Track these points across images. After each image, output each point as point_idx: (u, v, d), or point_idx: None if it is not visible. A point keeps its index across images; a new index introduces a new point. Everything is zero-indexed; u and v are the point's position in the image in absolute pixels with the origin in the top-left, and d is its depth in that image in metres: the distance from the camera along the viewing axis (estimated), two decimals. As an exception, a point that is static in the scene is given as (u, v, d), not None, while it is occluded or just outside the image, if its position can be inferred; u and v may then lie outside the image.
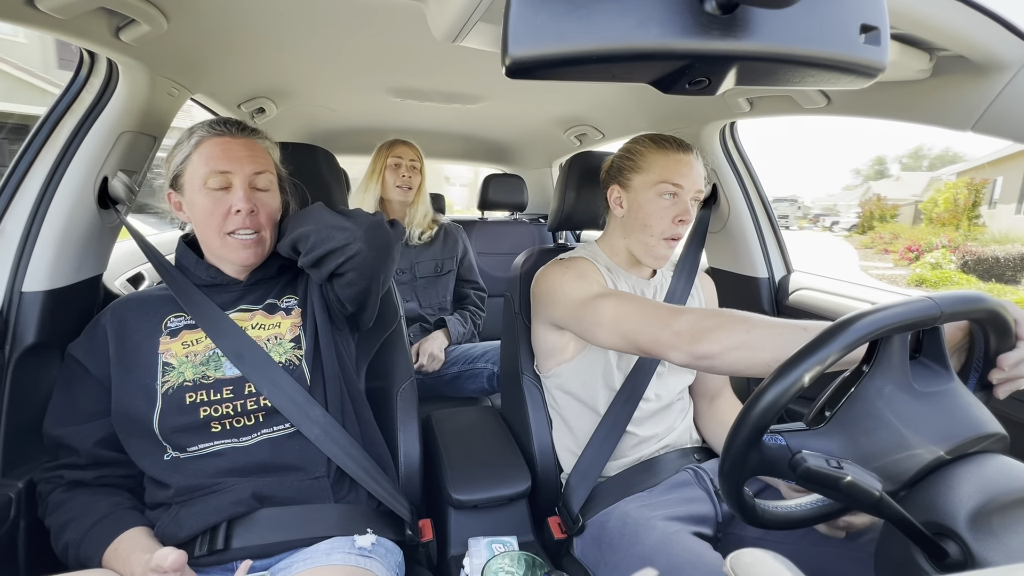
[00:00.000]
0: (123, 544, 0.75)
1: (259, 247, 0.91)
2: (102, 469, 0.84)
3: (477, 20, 0.55)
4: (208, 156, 0.86)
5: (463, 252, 1.95)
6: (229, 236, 0.87)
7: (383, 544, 0.86)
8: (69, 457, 0.83)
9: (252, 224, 0.88)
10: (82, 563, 0.75)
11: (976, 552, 0.46)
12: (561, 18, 0.35)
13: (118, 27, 0.86)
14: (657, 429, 1.06)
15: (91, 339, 0.88)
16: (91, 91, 0.98)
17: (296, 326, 0.94)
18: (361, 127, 2.18)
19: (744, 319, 0.76)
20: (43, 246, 0.94)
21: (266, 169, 0.90)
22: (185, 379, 0.84)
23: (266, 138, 0.94)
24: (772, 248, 1.51)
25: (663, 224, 0.99)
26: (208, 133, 0.87)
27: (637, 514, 0.91)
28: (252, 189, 0.88)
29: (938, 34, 0.69)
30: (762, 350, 0.72)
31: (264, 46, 1.17)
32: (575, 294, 0.96)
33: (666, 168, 0.98)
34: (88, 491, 0.81)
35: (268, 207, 0.90)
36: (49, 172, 0.94)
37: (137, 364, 0.85)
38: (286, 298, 0.97)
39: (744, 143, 1.48)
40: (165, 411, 0.82)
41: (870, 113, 0.98)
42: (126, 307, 0.91)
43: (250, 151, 0.88)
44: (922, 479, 0.54)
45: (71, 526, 0.77)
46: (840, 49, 0.39)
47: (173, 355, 0.86)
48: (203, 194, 0.86)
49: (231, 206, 0.86)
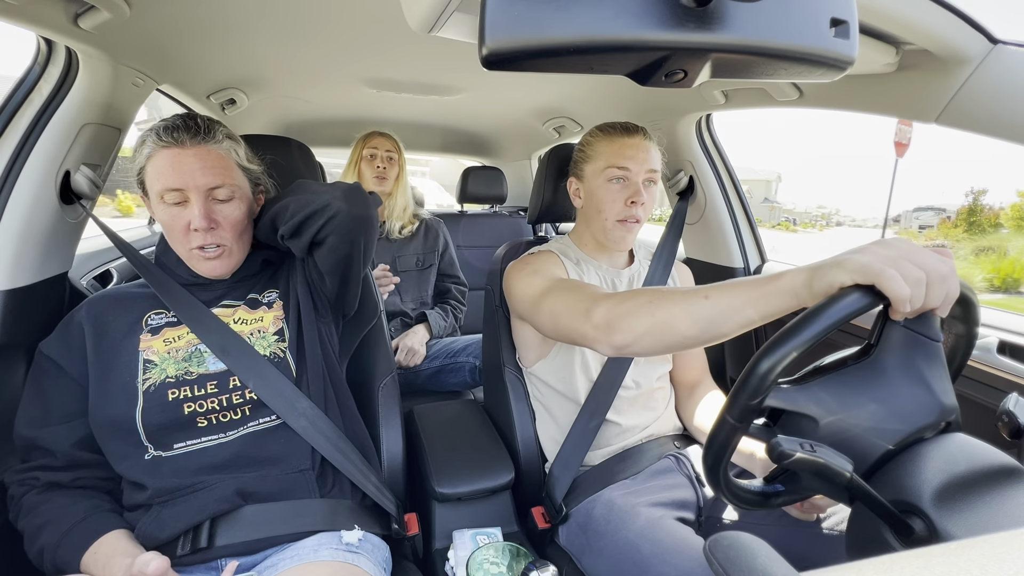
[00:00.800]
0: (103, 548, 0.73)
1: (227, 259, 0.88)
2: (79, 471, 0.81)
3: (453, 10, 0.54)
4: (159, 171, 0.80)
5: (444, 246, 1.94)
6: (197, 250, 0.85)
7: (370, 540, 0.86)
8: (44, 459, 0.80)
9: (213, 239, 0.84)
10: (59, 568, 0.73)
11: (940, 527, 0.48)
12: (538, 9, 0.35)
13: (76, 14, 0.82)
14: (640, 419, 1.08)
15: (65, 337, 0.84)
16: (49, 81, 0.93)
17: (279, 319, 0.92)
18: (337, 119, 2.13)
19: (648, 300, 0.71)
20: (2, 244, 0.90)
21: (224, 181, 0.84)
22: (167, 376, 0.82)
23: (225, 138, 0.87)
24: (747, 239, 1.54)
25: (616, 207, 1.01)
26: (157, 145, 0.81)
27: (622, 501, 0.93)
28: (212, 200, 0.84)
29: (903, 28, 0.71)
30: (670, 330, 0.68)
31: (234, 34, 1.13)
32: (528, 291, 0.96)
33: (611, 153, 1.01)
34: (65, 493, 0.79)
35: (230, 218, 0.86)
36: (6, 167, 0.90)
37: (116, 362, 0.83)
38: (267, 292, 0.95)
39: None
40: (147, 409, 0.80)
41: (840, 105, 1.00)
42: (103, 303, 0.88)
43: (203, 162, 0.81)
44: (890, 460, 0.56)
45: (47, 529, 0.74)
46: (811, 42, 0.40)
47: (155, 352, 0.84)
48: (161, 208, 0.83)
49: (189, 222, 0.82)
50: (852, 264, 0.51)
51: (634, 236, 1.05)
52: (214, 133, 0.85)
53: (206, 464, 0.81)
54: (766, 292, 0.59)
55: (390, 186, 1.81)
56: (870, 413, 0.56)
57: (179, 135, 0.81)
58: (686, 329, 0.67)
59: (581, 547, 0.95)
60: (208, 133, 0.84)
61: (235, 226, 0.87)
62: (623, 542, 0.86)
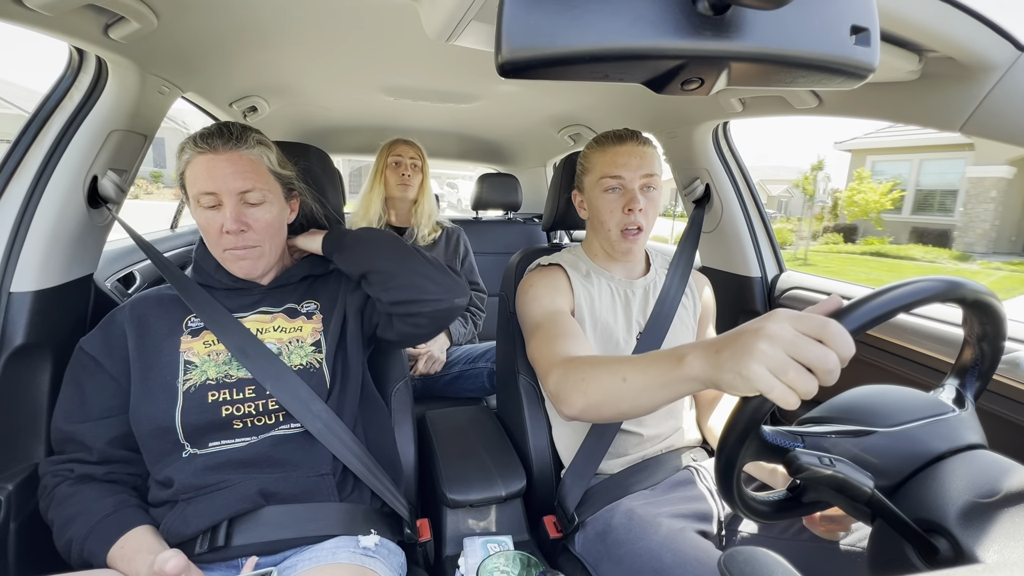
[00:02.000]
0: (129, 543, 0.74)
1: (259, 260, 0.90)
2: (112, 466, 0.84)
3: (471, 19, 0.55)
4: (195, 176, 0.85)
5: (464, 253, 1.97)
6: (226, 252, 0.88)
7: (386, 545, 0.87)
8: (79, 452, 0.82)
9: (244, 241, 0.87)
10: (85, 560, 0.74)
11: (966, 548, 0.46)
12: (554, 17, 0.35)
13: (107, 24, 0.85)
14: (660, 428, 1.06)
15: (107, 336, 0.87)
16: (80, 89, 0.97)
17: (317, 331, 0.94)
18: (355, 126, 2.17)
19: (582, 378, 0.74)
20: (32, 246, 0.93)
21: (255, 185, 0.86)
22: (208, 378, 0.85)
23: (257, 143, 0.90)
24: (765, 247, 1.52)
25: (615, 217, 1.01)
26: (193, 151, 0.86)
27: (642, 511, 0.91)
28: (244, 204, 0.87)
29: (927, 36, 0.70)
30: (603, 406, 0.72)
31: (255, 44, 1.16)
32: (524, 323, 1.01)
33: (604, 163, 1.01)
34: (96, 486, 0.81)
35: (261, 221, 0.88)
36: (37, 171, 0.93)
37: (158, 362, 0.85)
38: (307, 303, 0.97)
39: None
40: (187, 409, 0.82)
41: (861, 114, 0.98)
42: (145, 304, 0.90)
43: (235, 167, 0.85)
44: (913, 476, 0.54)
45: (77, 521, 0.76)
46: (831, 50, 0.39)
47: (195, 354, 0.87)
48: (198, 212, 0.87)
49: (222, 224, 0.85)
50: (744, 377, 0.51)
51: (640, 245, 1.04)
52: (246, 139, 0.88)
53: (232, 461, 0.83)
54: (674, 379, 0.62)
55: (414, 192, 1.83)
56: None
57: (213, 141, 0.85)
58: (615, 406, 0.71)
59: (599, 555, 0.94)
60: (240, 139, 0.87)
61: (266, 228, 0.89)
62: (644, 551, 0.84)
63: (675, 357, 0.62)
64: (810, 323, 0.50)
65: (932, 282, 0.53)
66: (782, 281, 1.49)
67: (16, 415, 0.93)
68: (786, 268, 1.54)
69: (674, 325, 1.07)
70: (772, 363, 0.50)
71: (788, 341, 0.50)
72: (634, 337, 1.06)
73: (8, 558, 0.88)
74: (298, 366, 0.90)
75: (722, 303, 1.26)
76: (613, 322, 1.05)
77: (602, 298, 1.06)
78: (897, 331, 1.12)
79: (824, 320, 0.50)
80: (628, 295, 1.08)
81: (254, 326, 0.91)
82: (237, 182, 0.85)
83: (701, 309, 1.17)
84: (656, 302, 1.08)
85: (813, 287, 1.40)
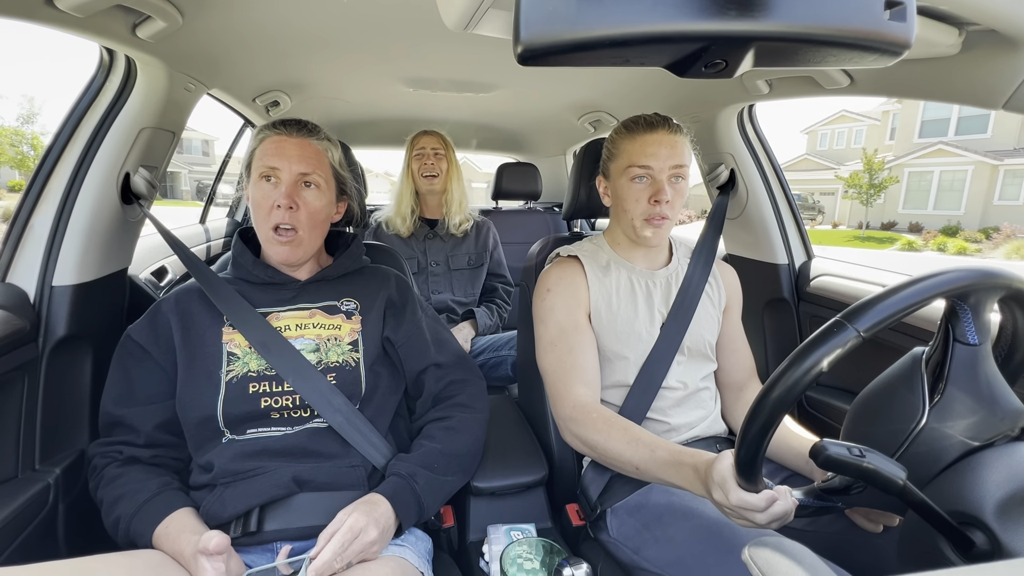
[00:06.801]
0: (173, 524, 0.78)
1: (297, 247, 0.93)
2: (157, 449, 0.88)
3: (488, 7, 0.54)
4: (263, 152, 0.91)
5: (493, 246, 1.98)
6: (272, 232, 0.91)
7: (414, 532, 0.89)
8: (127, 435, 0.87)
9: (290, 219, 0.90)
10: (131, 538, 0.78)
11: (1005, 542, 0.45)
12: (573, 2, 0.34)
13: (134, 24, 0.87)
14: (688, 418, 1.05)
15: (153, 325, 0.91)
16: (111, 89, 1.00)
17: (355, 331, 0.97)
18: (375, 118, 2.18)
19: (604, 439, 0.87)
20: (70, 241, 0.97)
21: (315, 170, 0.92)
22: (250, 370, 0.88)
23: (325, 138, 0.97)
24: (792, 233, 1.48)
25: (640, 207, 0.99)
26: (269, 132, 0.94)
27: (680, 492, 0.90)
28: (299, 186, 0.91)
29: (967, 7, 0.66)
30: (610, 463, 0.88)
31: (277, 40, 1.17)
32: (540, 329, 1.04)
33: (632, 151, 0.98)
34: (142, 468, 0.85)
35: (310, 206, 0.92)
36: (73, 169, 0.97)
37: (202, 352, 0.89)
38: (345, 300, 0.99)
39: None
40: (228, 399, 0.86)
41: (896, 92, 0.94)
42: (189, 297, 0.94)
43: (301, 151, 0.92)
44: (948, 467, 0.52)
45: (123, 501, 0.80)
46: (864, 26, 0.38)
47: (237, 345, 0.90)
48: (256, 187, 0.92)
49: (275, 201, 0.89)
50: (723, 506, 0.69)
51: (665, 232, 1.02)
52: (317, 132, 0.97)
53: (268, 449, 0.86)
54: (680, 480, 0.77)
55: (441, 183, 1.84)
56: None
57: (289, 127, 0.94)
58: (621, 468, 0.87)
59: (636, 535, 0.92)
60: (312, 131, 0.96)
61: (313, 214, 0.93)
62: (699, 527, 0.83)
63: (678, 462, 0.77)
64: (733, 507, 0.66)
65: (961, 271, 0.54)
66: (811, 268, 1.45)
67: (61, 404, 0.98)
68: (814, 255, 1.50)
69: (698, 314, 1.05)
70: (733, 516, 0.67)
71: (730, 512, 0.67)
72: (657, 327, 1.04)
73: (58, 537, 0.93)
74: (335, 363, 0.92)
75: (748, 291, 1.23)
76: (634, 315, 1.03)
77: (620, 292, 1.05)
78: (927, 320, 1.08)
79: (739, 511, 0.65)
80: (649, 286, 1.07)
81: (293, 322, 0.94)
82: (300, 164, 0.91)
83: (726, 299, 1.14)
84: (678, 292, 1.06)
85: (842, 274, 1.36)
